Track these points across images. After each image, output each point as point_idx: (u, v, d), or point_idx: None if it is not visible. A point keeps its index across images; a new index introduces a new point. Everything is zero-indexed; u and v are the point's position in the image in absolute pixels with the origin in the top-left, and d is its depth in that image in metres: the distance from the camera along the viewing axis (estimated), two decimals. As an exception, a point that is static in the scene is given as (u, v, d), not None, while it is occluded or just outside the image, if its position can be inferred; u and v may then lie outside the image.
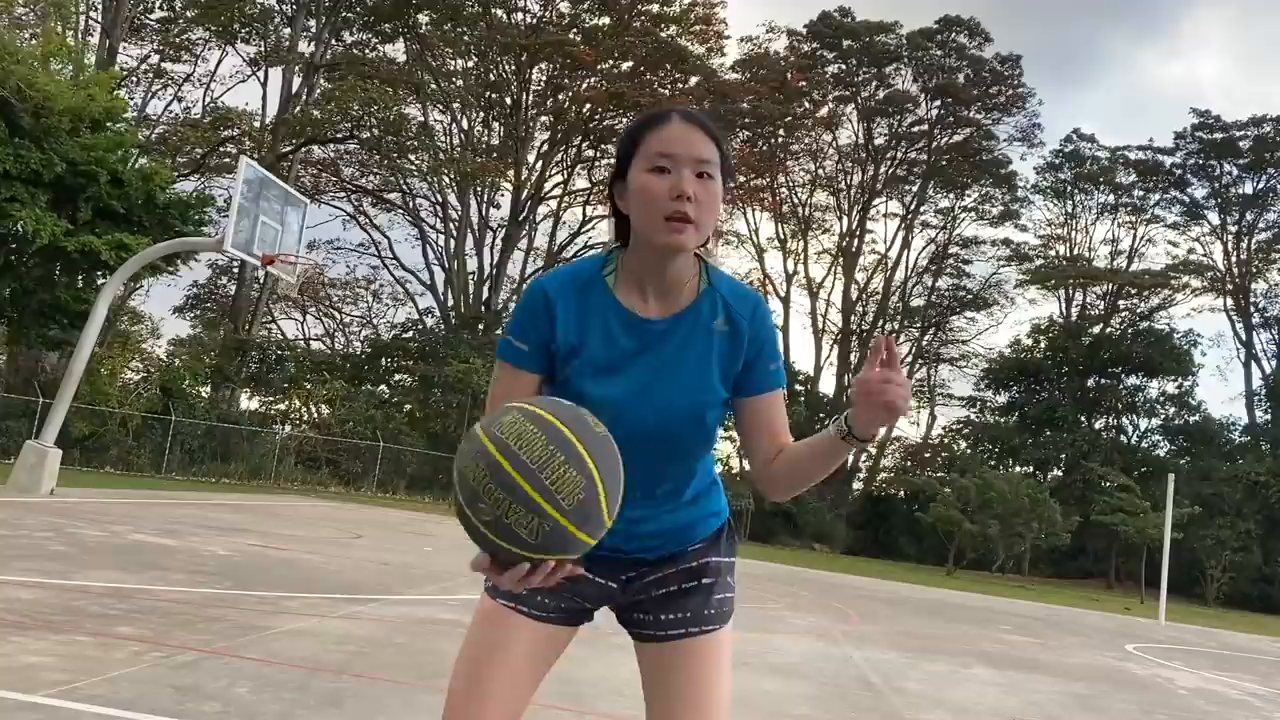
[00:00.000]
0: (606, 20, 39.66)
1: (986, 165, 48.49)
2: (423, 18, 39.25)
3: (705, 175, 1.65)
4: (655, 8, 39.71)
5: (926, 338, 49.96)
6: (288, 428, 34.06)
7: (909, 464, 47.92)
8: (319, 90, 37.76)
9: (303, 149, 35.60)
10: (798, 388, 46.76)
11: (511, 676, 1.74)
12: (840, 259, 48.70)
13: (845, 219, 48.82)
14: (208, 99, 38.49)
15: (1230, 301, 48.26)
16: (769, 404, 1.77)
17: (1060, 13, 68.30)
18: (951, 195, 49.84)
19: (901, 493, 45.18)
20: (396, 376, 38.11)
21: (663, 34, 39.32)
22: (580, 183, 42.01)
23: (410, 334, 40.09)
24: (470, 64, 40.52)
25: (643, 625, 1.84)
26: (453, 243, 40.57)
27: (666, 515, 1.80)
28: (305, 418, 35.49)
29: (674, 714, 1.77)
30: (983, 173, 48.61)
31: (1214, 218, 49.00)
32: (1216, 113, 47.44)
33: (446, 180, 39.05)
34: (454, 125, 40.99)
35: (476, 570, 1.49)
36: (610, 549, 1.76)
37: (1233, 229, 48.55)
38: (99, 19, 32.54)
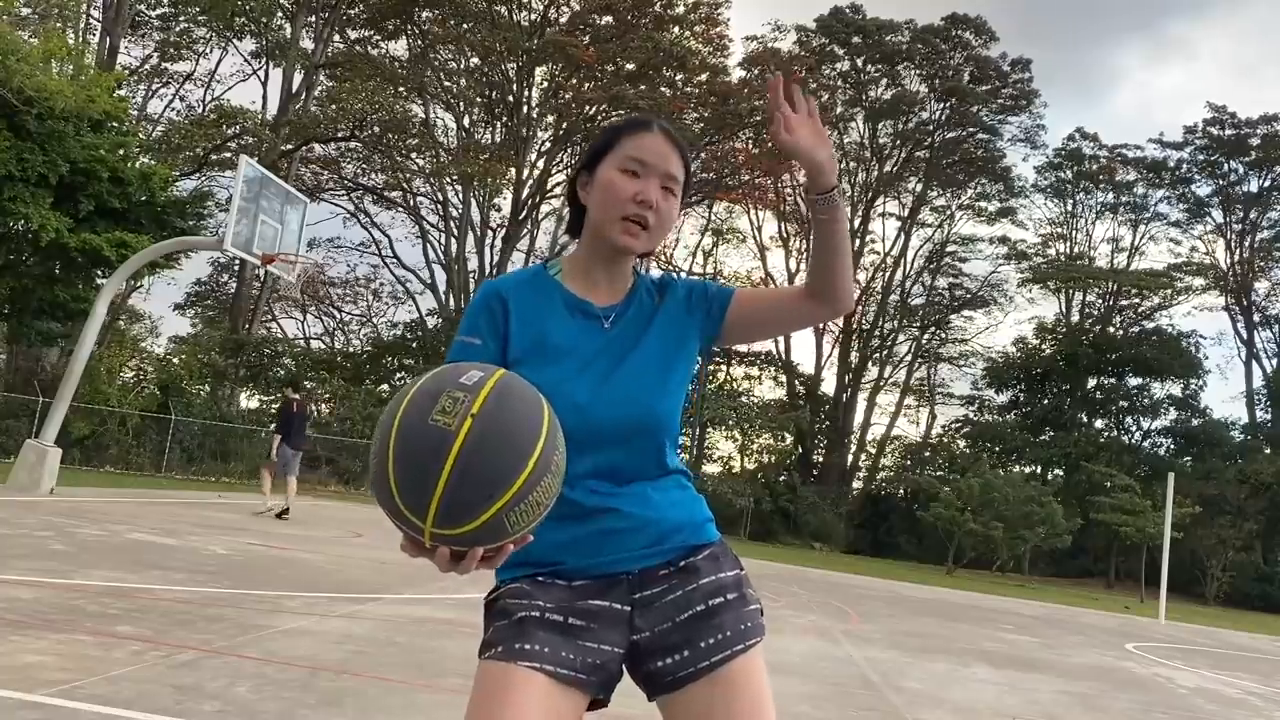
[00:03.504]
0: (609, 19, 39.57)
1: (983, 161, 48.52)
2: (426, 14, 39.21)
3: (669, 191, 1.75)
4: (658, 7, 39.59)
5: (926, 336, 49.97)
6: (287, 426, 34.02)
7: (908, 463, 47.93)
8: (320, 89, 37.77)
9: (303, 147, 35.60)
10: (799, 388, 46.79)
11: None
12: (841, 258, 48.63)
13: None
14: (209, 98, 38.59)
15: (1231, 300, 48.30)
16: (746, 299, 1.83)
17: (1071, 20, 68.46)
18: (948, 193, 49.86)
19: (901, 492, 45.19)
20: (397, 375, 38.11)
21: (666, 36, 39.21)
22: (582, 181, 41.92)
23: (412, 334, 40.11)
24: (473, 63, 40.48)
25: (678, 665, 1.65)
26: (454, 242, 40.59)
27: (637, 502, 1.69)
28: (305, 417, 35.42)
29: None
30: (979, 170, 48.63)
31: (1217, 215, 49.05)
32: (1232, 109, 47.47)
33: (448, 180, 39.05)
34: (456, 125, 41.01)
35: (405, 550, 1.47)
36: (594, 558, 1.67)
37: (1236, 227, 48.59)
38: (98, 17, 32.55)
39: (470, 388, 1.40)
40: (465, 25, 38.92)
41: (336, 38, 39.81)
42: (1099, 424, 47.05)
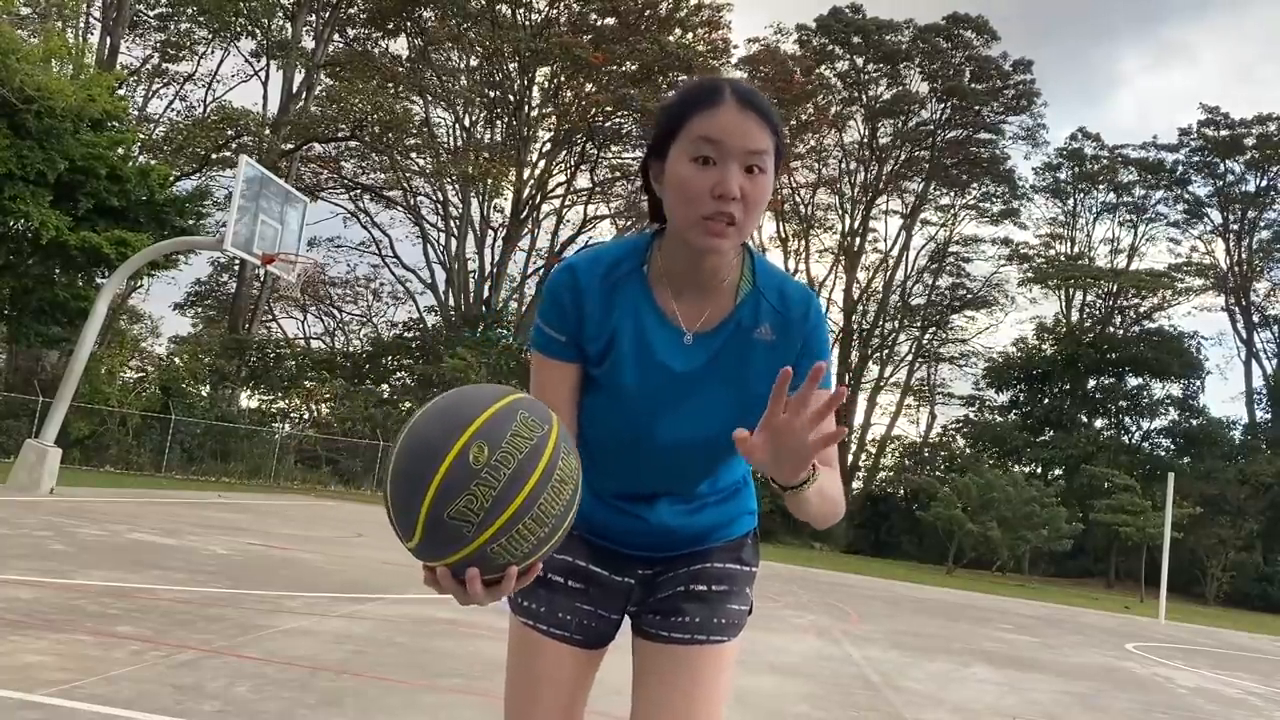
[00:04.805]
0: (612, 21, 39.56)
1: (987, 163, 48.54)
2: (427, 14, 39.23)
3: (756, 169, 1.46)
4: (662, 10, 39.57)
5: (926, 336, 49.98)
6: (287, 426, 34.08)
7: (908, 463, 47.94)
8: (320, 88, 37.77)
9: (303, 146, 35.62)
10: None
11: (565, 705, 1.69)
12: (842, 258, 48.70)
13: (848, 218, 48.86)
14: (210, 98, 38.59)
15: (1231, 300, 48.33)
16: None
17: (1072, 21, 68.52)
18: (952, 193, 49.89)
19: (901, 492, 45.21)
20: (396, 375, 38.14)
21: (669, 38, 39.17)
22: (583, 181, 42.05)
23: (412, 334, 40.14)
24: (474, 63, 40.49)
25: (649, 624, 1.72)
26: (454, 241, 40.60)
27: (686, 517, 1.70)
28: (305, 416, 35.50)
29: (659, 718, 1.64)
30: (984, 171, 48.64)
31: (1216, 216, 49.08)
32: (1225, 109, 47.56)
33: (449, 180, 39.06)
34: (456, 125, 41.02)
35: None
36: (617, 543, 1.72)
37: (1234, 227, 48.60)
38: (98, 17, 32.57)
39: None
40: (466, 25, 38.91)
41: (336, 37, 39.83)
42: (1099, 424, 47.07)
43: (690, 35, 40.19)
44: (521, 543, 1.26)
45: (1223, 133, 46.89)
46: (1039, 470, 43.31)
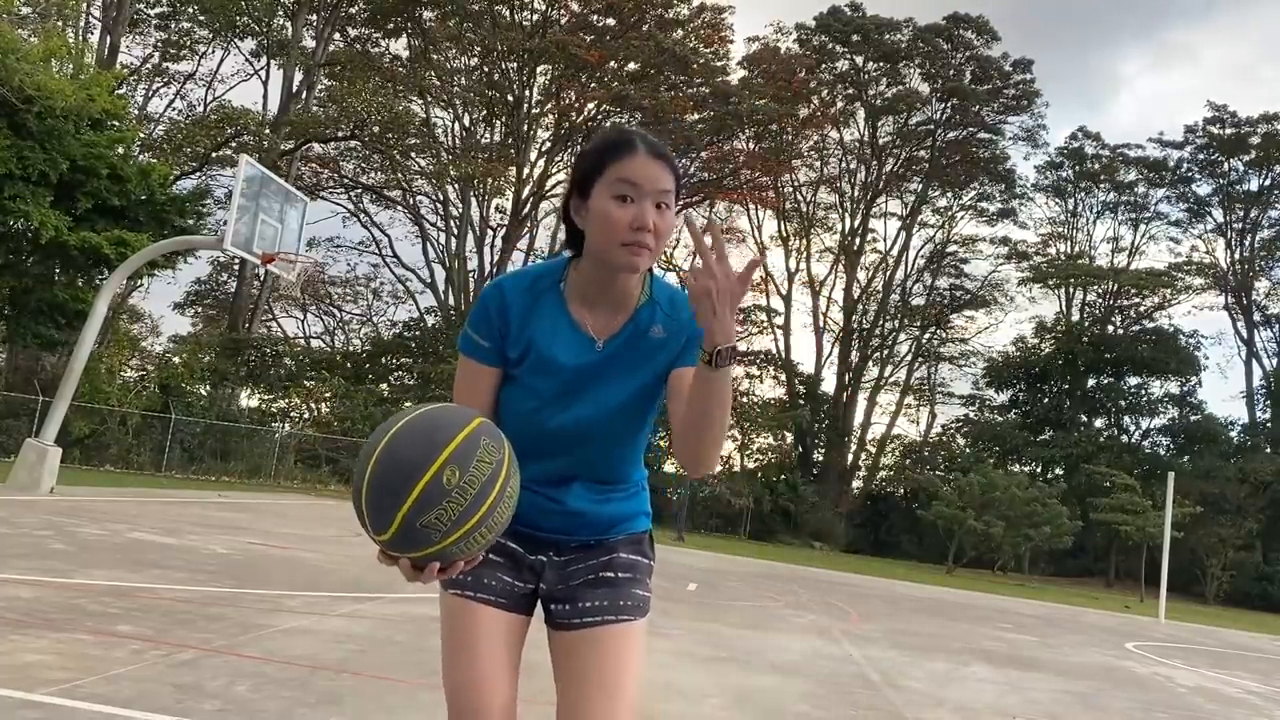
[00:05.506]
0: (612, 21, 39.50)
1: (985, 162, 48.50)
2: (427, 14, 39.20)
3: (663, 205, 1.76)
4: (662, 11, 39.51)
5: (926, 336, 49.96)
6: (287, 426, 34.05)
7: (908, 462, 47.96)
8: (320, 88, 37.77)
9: (303, 146, 35.61)
10: (799, 387, 46.76)
11: (503, 664, 1.83)
12: (843, 257, 48.66)
13: (849, 217, 48.82)
14: (210, 98, 38.60)
15: (1231, 299, 48.31)
16: (689, 374, 1.81)
17: (1073, 22, 68.47)
18: (950, 194, 49.84)
19: (901, 491, 45.20)
20: (396, 374, 38.12)
21: (669, 39, 39.11)
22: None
23: (412, 333, 40.13)
24: (473, 62, 40.45)
25: (559, 614, 1.89)
26: (454, 241, 40.58)
27: (594, 505, 1.91)
28: (305, 416, 35.47)
29: (583, 695, 1.80)
30: (981, 170, 48.61)
31: (1218, 215, 49.07)
32: (1233, 108, 47.54)
33: (448, 180, 39.03)
34: (456, 124, 40.99)
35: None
36: (532, 527, 1.89)
37: (1236, 226, 48.60)
38: (98, 16, 32.57)
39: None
40: (466, 25, 38.88)
41: (336, 36, 39.82)
42: (1098, 423, 47.07)
43: (692, 37, 40.15)
44: (474, 545, 1.60)
45: (1228, 131, 46.85)
46: (1039, 469, 43.32)
